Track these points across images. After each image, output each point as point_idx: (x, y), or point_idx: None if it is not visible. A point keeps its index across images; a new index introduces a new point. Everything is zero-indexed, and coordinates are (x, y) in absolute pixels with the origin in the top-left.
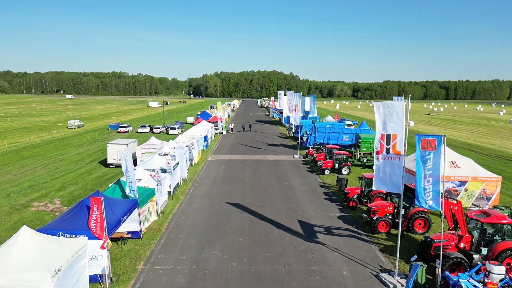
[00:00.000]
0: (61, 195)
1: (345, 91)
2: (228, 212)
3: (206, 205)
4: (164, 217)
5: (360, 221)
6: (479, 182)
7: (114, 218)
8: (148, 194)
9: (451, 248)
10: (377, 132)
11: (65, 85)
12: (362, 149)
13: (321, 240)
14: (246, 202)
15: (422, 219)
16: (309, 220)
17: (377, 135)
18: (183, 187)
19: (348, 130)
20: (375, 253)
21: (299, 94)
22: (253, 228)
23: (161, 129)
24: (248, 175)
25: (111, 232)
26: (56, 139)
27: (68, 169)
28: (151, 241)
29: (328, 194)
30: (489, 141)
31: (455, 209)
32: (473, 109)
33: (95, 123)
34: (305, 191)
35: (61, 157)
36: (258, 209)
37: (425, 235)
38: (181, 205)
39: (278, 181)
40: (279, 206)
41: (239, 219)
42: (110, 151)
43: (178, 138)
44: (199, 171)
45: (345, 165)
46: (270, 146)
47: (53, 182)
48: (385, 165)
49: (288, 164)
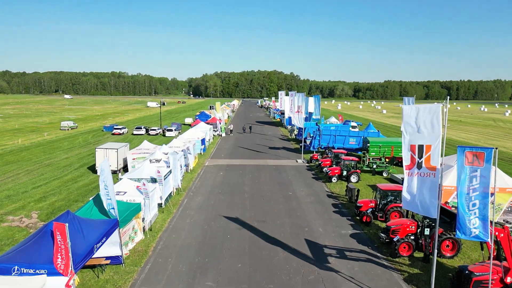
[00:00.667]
0: (40, 207)
1: (346, 91)
2: (225, 228)
3: (201, 220)
4: (152, 235)
5: (376, 241)
6: (507, 193)
7: (85, 246)
8: (133, 211)
9: (495, 283)
10: (406, 142)
11: (64, 85)
12: (371, 154)
13: (334, 265)
14: (245, 216)
15: (450, 241)
16: (318, 239)
17: (405, 145)
18: (176, 197)
19: (355, 133)
20: (398, 283)
21: (303, 94)
22: (253, 249)
23: (157, 131)
24: (248, 182)
25: (80, 266)
26: (46, 141)
27: (53, 176)
28: (134, 267)
29: (337, 206)
30: (501, 144)
31: (501, 236)
32: (476, 109)
33: (90, 124)
34: (311, 202)
35: (48, 162)
36: (259, 225)
37: (462, 265)
38: (172, 220)
39: (281, 190)
40: (283, 221)
41: (237, 238)
42: (99, 156)
43: (172, 142)
44: (194, 179)
45: (354, 172)
46: (271, 150)
47: (34, 191)
48: (416, 183)
49: (291, 170)
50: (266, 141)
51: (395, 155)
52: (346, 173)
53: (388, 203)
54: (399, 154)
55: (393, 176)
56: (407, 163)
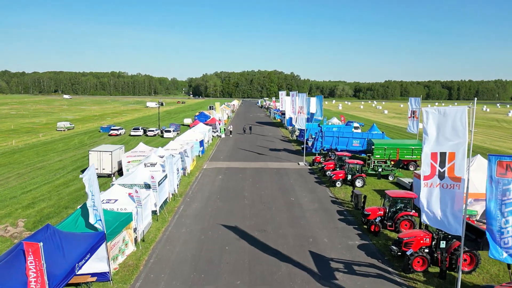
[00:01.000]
0: (28, 215)
1: (346, 91)
2: (223, 239)
3: (197, 229)
4: (145, 247)
5: (387, 253)
6: None
7: (65, 265)
8: (124, 221)
9: None
10: (427, 149)
11: (63, 85)
12: (376, 156)
13: (341, 282)
14: (245, 225)
15: (468, 254)
16: (324, 251)
17: (425, 153)
18: (172, 204)
19: (359, 134)
20: None
21: (305, 95)
22: (254, 264)
23: (155, 132)
24: (248, 187)
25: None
26: (41, 143)
27: (44, 180)
28: (123, 285)
29: (342, 213)
30: (507, 145)
31: None
32: (478, 109)
33: (87, 125)
34: (315, 209)
35: (41, 165)
36: (260, 235)
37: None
38: (167, 229)
39: (283, 196)
40: (286, 231)
41: (236, 251)
42: (92, 159)
43: (169, 144)
44: (192, 183)
45: (359, 176)
46: (272, 152)
47: (23, 196)
48: (437, 195)
49: (293, 174)
50: (267, 142)
51: (401, 158)
52: (351, 177)
53: (398, 211)
54: (404, 157)
55: (400, 180)
56: (427, 173)
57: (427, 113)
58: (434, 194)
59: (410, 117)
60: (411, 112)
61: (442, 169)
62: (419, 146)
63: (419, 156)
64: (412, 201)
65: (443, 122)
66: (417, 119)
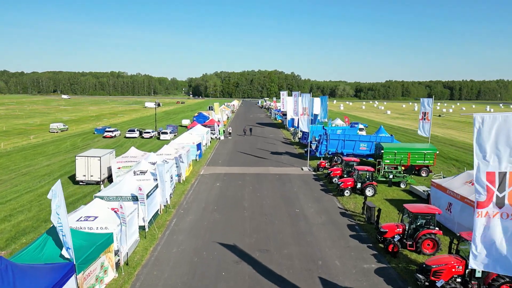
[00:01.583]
0: (2, 230)
1: (347, 91)
2: (219, 262)
3: (190, 248)
4: (129, 272)
5: (409, 280)
6: None
7: None
8: (101, 244)
9: None
10: (481, 168)
11: (62, 85)
12: (385, 162)
13: None
14: (245, 244)
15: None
16: (336, 278)
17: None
18: (164, 217)
19: (366, 137)
20: None
21: (309, 95)
22: None
23: (152, 134)
24: (248, 196)
25: None
26: (31, 146)
27: (27, 188)
28: None
29: (353, 228)
30: None
31: None
32: (482, 109)
33: (82, 126)
34: (323, 223)
35: (26, 170)
36: (261, 256)
37: None
38: (156, 249)
39: (286, 206)
40: (291, 250)
41: (234, 278)
42: (79, 165)
43: (163, 149)
44: (187, 191)
45: (370, 184)
46: (273, 155)
47: (0, 207)
48: (495, 228)
49: (297, 180)
50: (268, 145)
51: (412, 163)
52: (361, 185)
53: (419, 229)
54: (416, 162)
55: (413, 188)
56: (482, 198)
57: (480, 119)
58: (492, 227)
59: (421, 118)
60: (422, 114)
61: (501, 193)
62: (431, 150)
63: (432, 161)
64: (435, 217)
65: (503, 132)
66: (429, 121)
